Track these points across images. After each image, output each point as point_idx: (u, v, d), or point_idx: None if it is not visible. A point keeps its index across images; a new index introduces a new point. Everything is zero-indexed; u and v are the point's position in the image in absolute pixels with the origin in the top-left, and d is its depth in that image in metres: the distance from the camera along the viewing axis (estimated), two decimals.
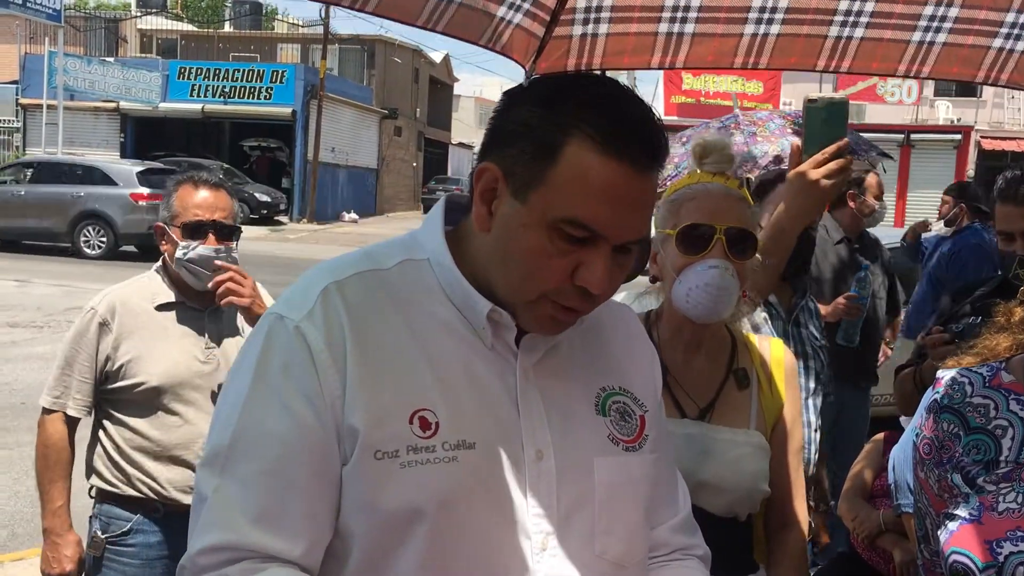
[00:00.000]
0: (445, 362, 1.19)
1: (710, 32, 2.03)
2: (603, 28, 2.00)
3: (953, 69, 2.01)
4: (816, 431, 2.68)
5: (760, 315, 2.21)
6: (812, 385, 2.73)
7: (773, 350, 1.94)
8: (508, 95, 1.22)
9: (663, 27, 2.02)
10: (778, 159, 4.45)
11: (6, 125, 30.91)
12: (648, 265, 1.93)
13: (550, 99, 1.16)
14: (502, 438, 1.19)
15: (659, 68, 2.02)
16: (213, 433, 1.20)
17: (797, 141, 1.92)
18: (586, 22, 1.99)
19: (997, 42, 2.01)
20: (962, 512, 1.48)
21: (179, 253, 2.62)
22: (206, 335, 2.69)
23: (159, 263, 2.77)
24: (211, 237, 2.63)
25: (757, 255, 1.84)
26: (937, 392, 1.60)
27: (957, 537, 1.46)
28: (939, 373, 1.70)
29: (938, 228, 6.50)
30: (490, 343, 1.22)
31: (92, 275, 13.30)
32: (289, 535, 1.13)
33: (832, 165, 1.84)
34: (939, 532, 1.52)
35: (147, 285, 2.73)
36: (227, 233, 2.68)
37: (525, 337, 1.23)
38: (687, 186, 1.85)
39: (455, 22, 1.77)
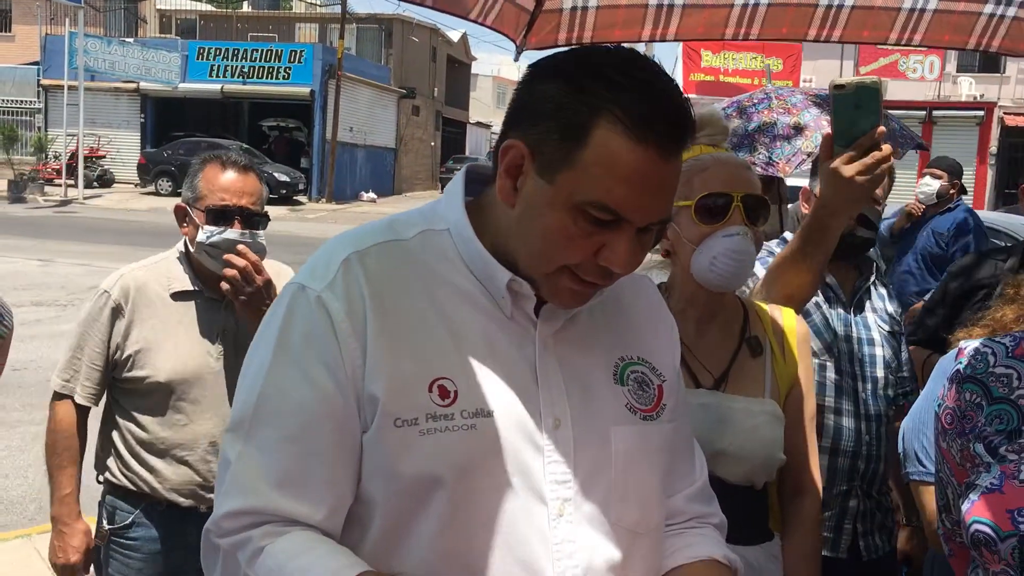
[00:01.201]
0: (464, 331, 1.21)
1: (700, 3, 2.01)
2: (593, 1, 1.98)
3: (944, 36, 1.98)
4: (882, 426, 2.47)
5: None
6: (880, 374, 2.48)
7: (785, 318, 1.94)
8: (535, 68, 1.21)
9: None
10: (797, 128, 4.30)
11: (28, 106, 31.11)
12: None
13: (580, 77, 1.14)
14: (520, 406, 1.20)
15: (650, 40, 2.01)
16: (237, 401, 1.22)
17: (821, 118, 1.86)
18: None
19: (988, 7, 1.98)
20: (984, 482, 1.48)
21: (201, 236, 2.47)
22: (222, 329, 2.53)
23: (180, 245, 2.62)
24: (237, 224, 2.48)
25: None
26: (960, 362, 1.60)
27: (978, 506, 1.47)
28: (961, 343, 1.71)
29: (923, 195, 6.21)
30: (509, 313, 1.23)
31: (114, 255, 13.41)
32: (311, 500, 1.15)
33: (868, 160, 1.71)
34: (960, 502, 1.53)
35: (164, 269, 2.57)
36: (254, 221, 2.52)
37: (544, 307, 1.24)
38: (694, 158, 1.85)
39: None
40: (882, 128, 1.73)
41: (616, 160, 1.11)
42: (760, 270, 2.40)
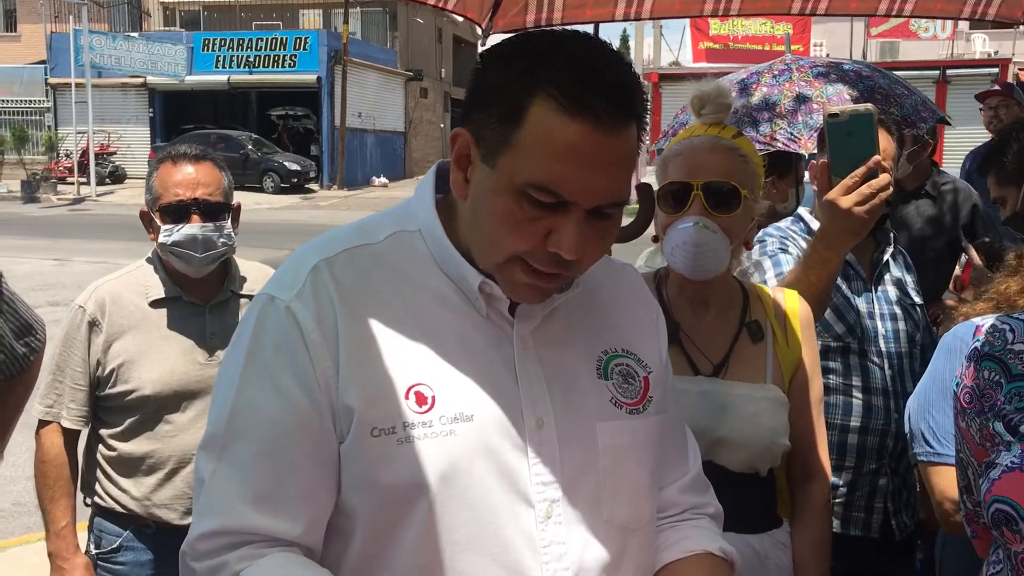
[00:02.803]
0: (440, 335, 1.18)
1: None
2: None
3: (936, 5, 1.90)
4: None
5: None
6: (904, 349, 2.45)
7: (787, 300, 1.90)
8: (484, 55, 1.18)
9: None
10: (774, 112, 4.21)
11: (37, 105, 31.23)
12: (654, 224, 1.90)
13: (516, 58, 1.11)
14: (501, 409, 1.17)
15: (623, 20, 1.93)
16: (211, 416, 1.20)
17: (843, 91, 1.81)
18: None
19: None
20: (1004, 460, 1.45)
21: (162, 237, 2.36)
22: (207, 333, 2.42)
23: (151, 254, 2.50)
24: (194, 218, 2.37)
25: (764, 202, 1.79)
26: (977, 340, 1.56)
27: (999, 486, 1.43)
28: (977, 321, 1.66)
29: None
30: (485, 313, 1.21)
31: (130, 251, 13.47)
32: (288, 515, 1.13)
33: (864, 190, 1.69)
34: (980, 481, 1.49)
35: (139, 278, 2.47)
36: (214, 211, 2.40)
37: (520, 305, 1.21)
38: (678, 142, 1.83)
39: None
40: (877, 157, 1.71)
41: (551, 137, 1.07)
42: (757, 253, 2.37)
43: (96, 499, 2.48)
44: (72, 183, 25.91)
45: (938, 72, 23.10)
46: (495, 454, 1.15)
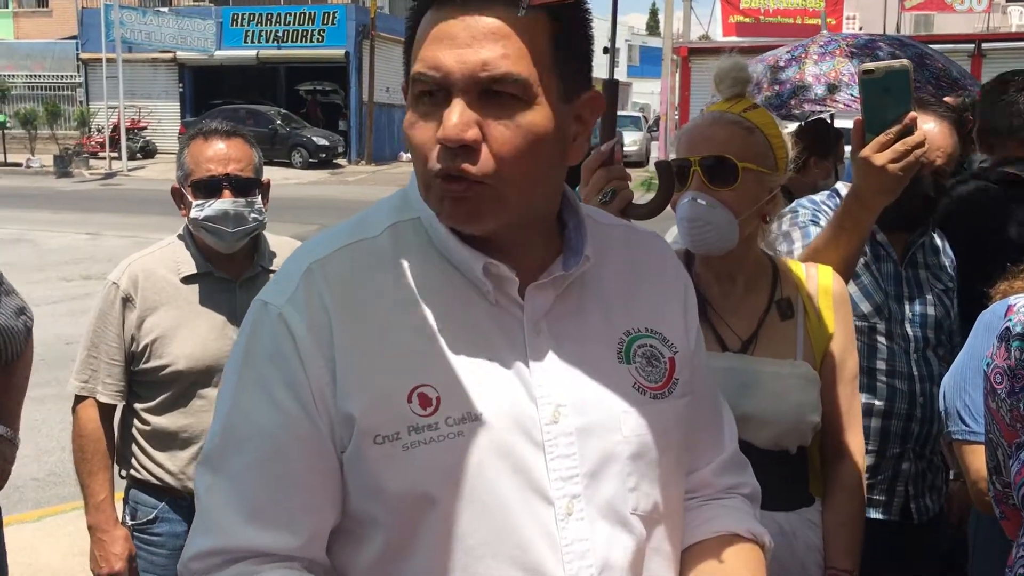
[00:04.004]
0: (445, 330, 1.12)
1: None
2: None
3: None
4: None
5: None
6: (932, 334, 2.39)
7: (821, 277, 1.88)
8: None
9: None
10: (831, 80, 4.18)
11: (69, 80, 31.48)
12: None
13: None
14: (512, 403, 1.12)
15: None
16: (210, 431, 1.17)
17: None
18: None
19: None
20: None
21: (194, 212, 2.39)
22: (239, 309, 2.41)
23: (183, 230, 2.53)
24: (226, 193, 2.39)
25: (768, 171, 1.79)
26: (1009, 319, 1.54)
27: None
28: (1011, 300, 1.64)
29: None
30: (493, 299, 1.14)
31: (161, 225, 13.58)
32: (285, 529, 1.09)
33: (899, 147, 1.66)
34: (1011, 463, 1.48)
35: (171, 254, 2.49)
36: (245, 187, 2.42)
37: (530, 287, 1.15)
38: (700, 117, 1.85)
39: None
40: (913, 114, 1.68)
41: (427, 29, 1.10)
42: (787, 224, 2.34)
43: (132, 471, 2.52)
44: (104, 158, 26.11)
45: (974, 46, 22.66)
46: (508, 452, 1.10)
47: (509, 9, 1.07)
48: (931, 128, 2.28)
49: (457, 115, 1.06)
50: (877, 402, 2.35)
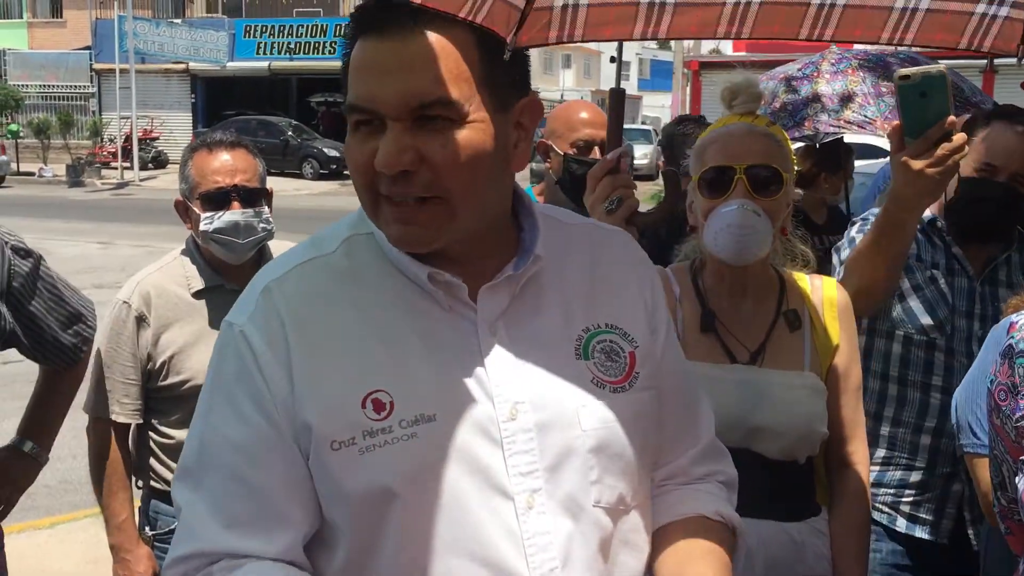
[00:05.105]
0: (398, 336, 1.16)
1: (692, 1, 1.98)
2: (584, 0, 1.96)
3: (936, 36, 1.95)
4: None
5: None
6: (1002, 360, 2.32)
7: (825, 289, 1.90)
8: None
9: None
10: (845, 98, 4.19)
11: (82, 91, 31.71)
12: (687, 214, 1.91)
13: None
14: (467, 402, 1.15)
15: (641, 39, 1.98)
16: (184, 448, 1.21)
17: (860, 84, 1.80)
18: None
19: (980, 7, 1.96)
20: None
21: (203, 225, 2.38)
22: None
23: (186, 244, 2.53)
24: (235, 204, 2.39)
25: (798, 189, 1.79)
26: (1012, 337, 1.55)
27: None
28: (1012, 317, 1.65)
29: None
30: (447, 305, 1.18)
31: (172, 235, 13.66)
32: (263, 536, 1.12)
33: (938, 152, 1.68)
34: (1016, 479, 1.49)
35: (179, 269, 2.48)
36: (253, 197, 2.42)
37: (482, 290, 1.19)
38: (713, 130, 1.84)
39: None
40: (952, 118, 1.69)
41: (356, 61, 1.14)
42: (856, 231, 2.28)
43: (152, 483, 2.51)
44: (116, 168, 26.29)
45: (986, 62, 22.58)
46: (465, 450, 1.13)
47: (432, 32, 1.12)
48: (1007, 135, 2.24)
49: (392, 143, 1.10)
50: (928, 419, 2.28)
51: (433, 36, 1.12)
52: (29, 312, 2.20)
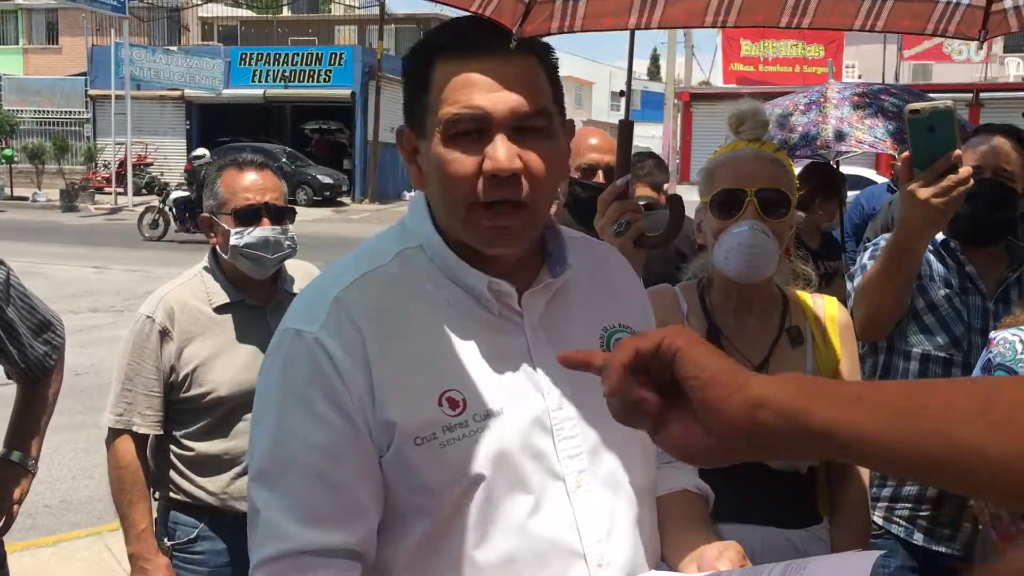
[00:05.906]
0: (460, 340, 1.28)
1: None
2: None
3: (904, 22, 2.12)
4: None
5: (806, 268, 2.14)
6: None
7: (827, 307, 1.99)
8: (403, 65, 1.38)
9: None
10: (839, 134, 4.39)
11: (77, 116, 31.78)
12: (695, 234, 2.01)
13: (414, 49, 1.33)
14: (524, 397, 1.28)
15: (635, 28, 2.12)
16: (255, 451, 1.28)
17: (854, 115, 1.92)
18: None
19: None
20: None
21: (233, 240, 2.48)
22: (272, 334, 2.44)
23: (206, 260, 2.62)
24: (265, 221, 2.50)
25: (799, 212, 1.89)
26: (990, 352, 1.64)
27: None
28: (991, 334, 1.74)
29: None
30: (497, 311, 1.31)
31: (165, 260, 13.71)
32: (343, 528, 1.22)
33: (944, 183, 1.79)
34: None
35: (200, 285, 2.57)
36: (280, 215, 2.55)
37: (523, 296, 1.32)
38: (722, 155, 1.94)
39: None
40: (958, 152, 1.80)
41: (449, 77, 1.25)
42: (867, 257, 2.38)
43: (170, 494, 2.56)
44: (110, 193, 26.32)
45: (971, 95, 22.96)
46: (526, 439, 1.26)
47: (519, 56, 1.27)
48: (986, 140, 2.37)
49: (504, 149, 1.23)
50: None
51: (519, 57, 1.27)
52: (8, 319, 2.30)
